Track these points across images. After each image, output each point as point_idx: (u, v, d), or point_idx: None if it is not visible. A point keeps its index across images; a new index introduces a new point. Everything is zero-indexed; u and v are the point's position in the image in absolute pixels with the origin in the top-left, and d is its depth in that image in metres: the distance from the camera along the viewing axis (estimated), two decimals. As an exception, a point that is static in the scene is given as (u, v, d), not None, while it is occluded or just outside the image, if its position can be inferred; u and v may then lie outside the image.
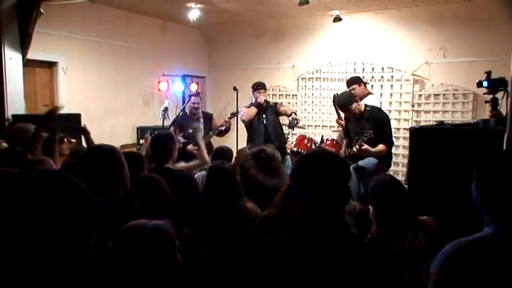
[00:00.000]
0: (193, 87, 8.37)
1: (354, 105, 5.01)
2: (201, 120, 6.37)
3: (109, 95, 7.48)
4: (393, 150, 7.43)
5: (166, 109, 7.20)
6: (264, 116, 6.20)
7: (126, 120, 7.73)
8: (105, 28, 7.35)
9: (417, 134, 3.62)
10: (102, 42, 7.31)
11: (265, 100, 6.24)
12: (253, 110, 6.31)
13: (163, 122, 7.02)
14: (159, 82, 8.21)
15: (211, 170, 3.25)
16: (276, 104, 6.37)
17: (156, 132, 4.03)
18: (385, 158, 5.00)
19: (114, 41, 7.51)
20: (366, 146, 4.72)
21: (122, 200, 2.44)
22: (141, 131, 7.66)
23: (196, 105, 6.27)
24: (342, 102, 5.12)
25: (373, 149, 4.77)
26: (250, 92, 6.47)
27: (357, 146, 4.69)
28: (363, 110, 5.02)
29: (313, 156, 1.86)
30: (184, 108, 7.03)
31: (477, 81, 3.73)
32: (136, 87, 8.00)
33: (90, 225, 1.31)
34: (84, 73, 7.08)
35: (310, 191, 1.73)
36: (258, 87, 6.30)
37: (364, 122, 4.86)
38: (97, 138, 4.42)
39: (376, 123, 4.89)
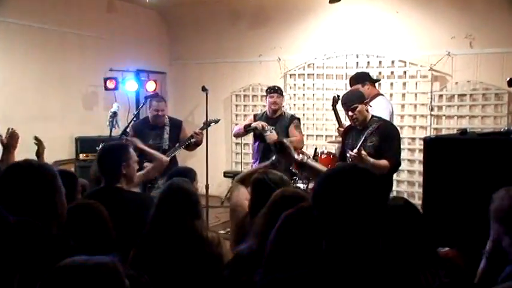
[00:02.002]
0: (150, 86, 8.39)
1: (362, 106, 5.10)
2: (166, 128, 6.39)
3: (37, 97, 7.47)
4: (407, 166, 7.69)
5: (114, 114, 7.17)
6: (270, 128, 6.28)
7: (61, 129, 7.72)
8: (29, 6, 7.31)
9: (433, 146, 3.70)
10: (26, 26, 7.29)
11: (274, 109, 6.32)
12: (241, 130, 6.49)
13: (110, 131, 7.00)
14: (105, 79, 8.21)
15: (167, 190, 3.28)
16: (294, 118, 6.46)
17: (103, 144, 4.06)
18: (384, 182, 5.08)
19: (44, 25, 7.51)
20: (365, 153, 4.82)
21: (55, 238, 2.42)
22: (82, 143, 7.65)
23: (159, 113, 6.31)
24: (348, 98, 5.21)
25: (372, 160, 4.86)
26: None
27: (356, 150, 4.76)
28: (369, 119, 5.12)
29: (340, 172, 1.92)
30: (138, 113, 7.04)
31: (507, 79, 3.83)
32: (75, 85, 8.00)
33: (11, 263, 1.33)
34: (1, 67, 7.06)
35: (339, 218, 1.80)
36: (271, 91, 6.42)
37: (367, 135, 4.95)
38: (20, 154, 4.22)
39: (383, 137, 5.00)
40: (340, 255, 1.81)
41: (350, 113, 5.19)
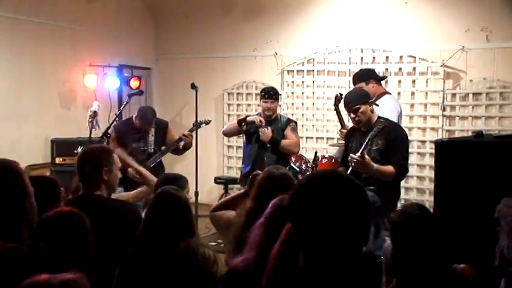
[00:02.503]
0: (134, 83, 8.38)
1: (366, 107, 5.11)
2: (152, 130, 6.39)
3: (8, 95, 7.43)
4: (416, 172, 7.70)
5: (95, 114, 7.16)
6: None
7: (35, 130, 7.70)
8: (0, -5, 7.30)
9: (445, 150, 3.71)
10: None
11: (268, 115, 6.36)
12: (234, 124, 6.51)
13: (90, 132, 6.99)
14: (84, 75, 8.20)
15: (157, 198, 3.28)
16: (290, 121, 6.55)
17: (82, 148, 4.05)
18: (390, 189, 5.14)
19: (16, 14, 7.47)
20: (368, 158, 4.83)
21: (27, 246, 2.42)
22: (58, 145, 7.61)
23: (147, 130, 6.32)
24: (350, 98, 5.22)
25: (376, 165, 4.87)
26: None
27: (359, 154, 4.77)
28: (374, 120, 5.13)
29: (317, 181, 1.92)
30: (120, 113, 7.03)
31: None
32: (50, 82, 7.97)
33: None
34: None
35: (315, 230, 1.80)
36: (266, 95, 6.42)
37: (371, 137, 4.95)
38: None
39: (390, 140, 5.00)
40: (318, 270, 1.81)
41: (352, 115, 5.21)
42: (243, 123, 6.43)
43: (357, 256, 1.85)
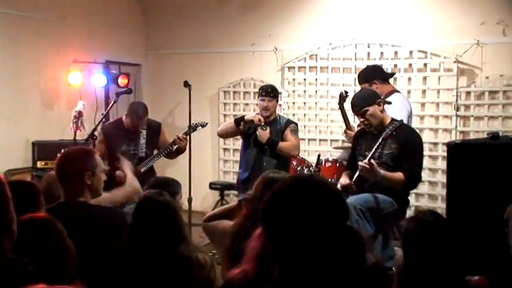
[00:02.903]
0: (122, 81, 8.37)
1: (374, 108, 5.11)
2: (143, 132, 6.38)
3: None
4: (428, 177, 7.70)
5: (79, 114, 7.17)
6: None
7: (15, 132, 7.67)
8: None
9: (458, 153, 3.71)
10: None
11: (265, 116, 6.36)
12: (230, 124, 6.52)
13: (75, 134, 6.99)
14: (68, 72, 8.18)
15: (141, 204, 3.28)
16: (290, 122, 6.57)
17: (64, 150, 4.04)
18: (398, 196, 5.13)
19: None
20: (375, 164, 4.82)
21: (9, 262, 2.40)
22: (40, 148, 7.60)
23: (139, 128, 6.31)
24: (357, 101, 5.23)
25: (383, 172, 4.87)
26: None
27: (366, 161, 4.77)
28: (387, 122, 5.13)
29: (290, 188, 1.92)
30: (107, 113, 7.01)
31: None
32: (31, 80, 7.95)
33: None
34: None
35: (289, 240, 1.81)
36: (262, 93, 6.46)
37: (384, 139, 4.95)
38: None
39: (403, 145, 5.00)
40: (294, 283, 1.82)
41: (361, 119, 5.22)
42: (240, 123, 6.42)
43: (336, 267, 1.86)
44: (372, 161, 4.83)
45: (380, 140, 4.88)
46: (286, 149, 6.30)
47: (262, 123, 6.28)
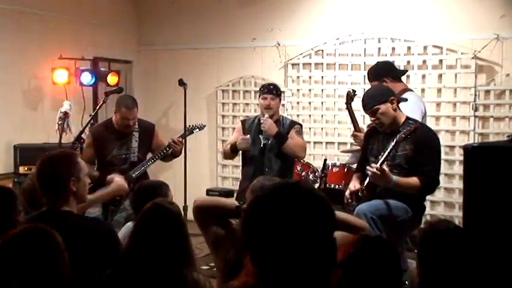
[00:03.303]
0: (112, 79, 8.34)
1: (386, 106, 5.08)
2: (135, 135, 6.35)
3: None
4: (444, 183, 7.65)
5: (65, 115, 7.16)
6: (264, 136, 6.33)
7: (-5, 135, 7.65)
8: None
9: (475, 157, 3.68)
10: None
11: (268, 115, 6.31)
12: (228, 150, 6.53)
13: (60, 137, 6.97)
14: (53, 70, 8.15)
15: (148, 213, 3.23)
16: (294, 123, 6.56)
17: (46, 154, 4.00)
18: (413, 202, 5.09)
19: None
20: (388, 169, 4.79)
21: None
22: (23, 152, 7.57)
23: (130, 122, 6.27)
24: (367, 99, 5.20)
25: (396, 177, 4.84)
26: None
27: (377, 165, 4.74)
28: (402, 121, 5.10)
29: (271, 194, 1.90)
30: (96, 114, 6.98)
31: None
32: (13, 78, 7.94)
33: None
34: None
35: (271, 252, 1.79)
36: (265, 90, 6.46)
37: (398, 140, 4.92)
38: None
39: (420, 146, 4.97)
40: None
41: (372, 118, 5.20)
42: (234, 150, 6.48)
43: (324, 283, 1.84)
44: (384, 166, 4.79)
45: (393, 144, 4.85)
46: (294, 146, 6.27)
47: (247, 137, 6.26)
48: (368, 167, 4.87)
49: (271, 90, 6.39)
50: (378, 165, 4.79)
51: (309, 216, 1.80)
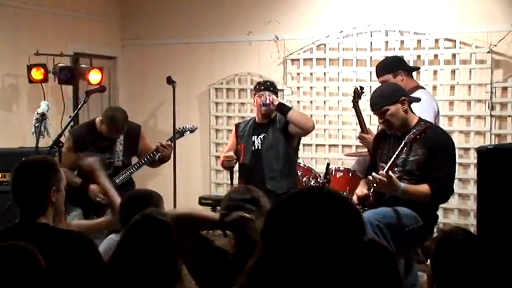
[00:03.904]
0: (95, 77, 8.35)
1: (396, 107, 5.10)
2: (120, 138, 6.38)
3: None
4: (459, 189, 7.66)
5: (43, 117, 7.17)
6: (260, 137, 6.33)
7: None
8: None
9: (489, 159, 3.69)
10: None
11: (264, 114, 6.33)
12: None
13: (37, 140, 6.98)
14: (29, 67, 8.17)
15: (136, 224, 3.22)
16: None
17: (24, 159, 4.03)
18: (425, 210, 5.11)
19: None
20: (395, 177, 4.80)
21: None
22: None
23: (113, 137, 6.32)
24: (375, 99, 5.23)
25: (403, 185, 4.85)
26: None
27: (383, 172, 4.76)
28: (414, 123, 5.11)
29: (295, 202, 1.93)
30: (76, 115, 7.01)
31: None
32: (-15, 77, 7.97)
33: None
34: None
35: (294, 263, 1.83)
36: (261, 87, 6.42)
37: (407, 142, 4.94)
38: None
39: (432, 150, 4.98)
40: None
41: (380, 120, 5.21)
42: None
43: None
44: (390, 172, 4.81)
45: (402, 145, 4.86)
46: (299, 116, 6.26)
47: (233, 159, 6.33)
48: (373, 174, 4.87)
49: (268, 87, 6.36)
50: (384, 171, 4.82)
51: (337, 223, 1.84)
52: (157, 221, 3.11)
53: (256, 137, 6.32)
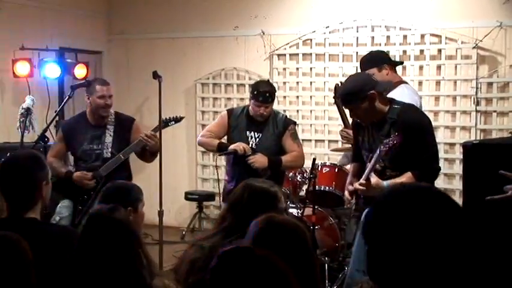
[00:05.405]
0: (80, 72, 8.35)
1: (365, 104, 5.02)
2: (109, 128, 6.33)
3: None
4: (444, 183, 7.71)
5: (28, 111, 7.15)
6: (255, 134, 6.29)
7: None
8: None
9: (475, 154, 3.71)
10: None
11: (259, 120, 6.24)
12: (213, 146, 6.40)
13: (22, 135, 6.96)
14: (14, 62, 8.15)
15: (87, 224, 3.19)
16: (289, 123, 6.41)
17: (12, 154, 4.03)
18: None
19: None
20: (375, 179, 4.77)
21: None
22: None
23: (108, 101, 6.28)
24: (343, 95, 5.17)
25: (387, 182, 4.80)
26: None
27: (362, 180, 4.74)
28: (387, 109, 5.07)
29: (407, 198, 1.92)
30: (62, 109, 7.01)
31: None
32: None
33: None
34: None
35: (409, 262, 1.82)
36: (261, 98, 6.13)
37: (387, 129, 4.92)
38: None
39: (408, 131, 4.89)
40: None
41: (351, 115, 5.17)
42: (223, 153, 6.36)
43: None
44: (370, 177, 4.78)
45: (374, 160, 4.75)
46: (292, 162, 6.24)
47: (248, 152, 6.13)
48: (355, 184, 4.89)
49: (267, 99, 6.12)
50: (361, 180, 4.80)
51: (446, 221, 1.85)
52: (105, 218, 3.09)
53: (250, 133, 6.26)
